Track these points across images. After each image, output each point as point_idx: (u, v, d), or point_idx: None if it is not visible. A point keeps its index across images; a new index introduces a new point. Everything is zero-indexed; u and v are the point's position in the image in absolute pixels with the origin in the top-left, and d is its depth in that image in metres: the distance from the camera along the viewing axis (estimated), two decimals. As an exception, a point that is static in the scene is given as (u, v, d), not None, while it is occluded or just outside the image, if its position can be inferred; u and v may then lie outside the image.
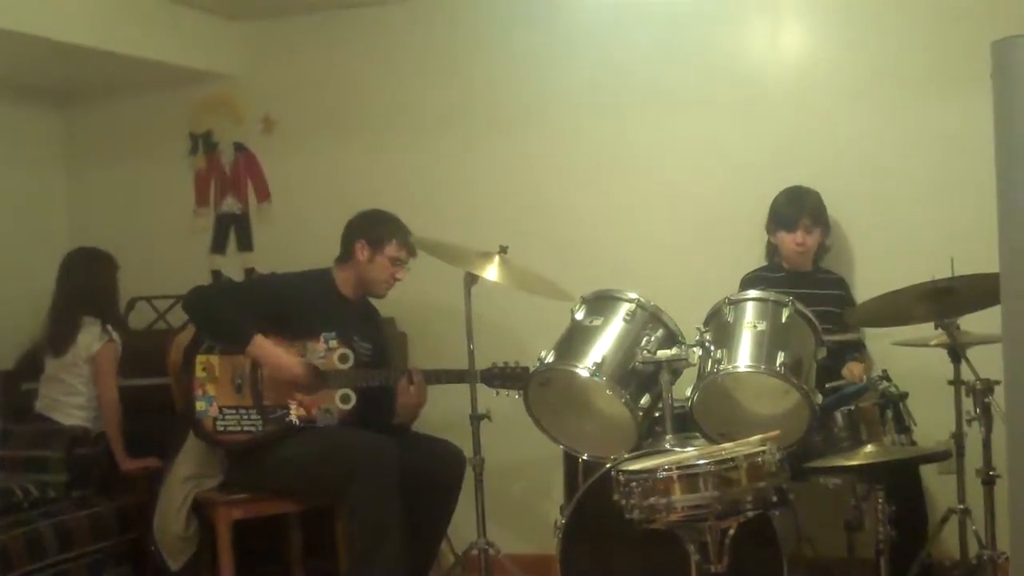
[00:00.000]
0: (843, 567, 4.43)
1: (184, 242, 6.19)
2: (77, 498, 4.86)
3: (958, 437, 4.18)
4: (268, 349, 4.65)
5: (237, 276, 6.00)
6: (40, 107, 6.30)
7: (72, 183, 6.40)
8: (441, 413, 5.05)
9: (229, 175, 6.12)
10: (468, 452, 4.71)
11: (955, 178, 4.87)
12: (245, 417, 4.65)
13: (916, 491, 4.37)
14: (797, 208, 4.83)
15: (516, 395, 4.25)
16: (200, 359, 4.69)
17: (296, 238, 5.85)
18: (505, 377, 4.65)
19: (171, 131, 6.19)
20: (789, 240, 4.82)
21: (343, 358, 4.71)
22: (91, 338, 5.06)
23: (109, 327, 5.12)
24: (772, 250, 4.96)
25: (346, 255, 4.90)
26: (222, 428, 4.65)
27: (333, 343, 4.72)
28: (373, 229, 4.88)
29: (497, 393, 4.64)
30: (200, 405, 4.65)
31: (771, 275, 4.89)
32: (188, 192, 6.20)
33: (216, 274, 6.07)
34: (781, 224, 4.85)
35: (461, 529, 4.91)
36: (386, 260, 4.85)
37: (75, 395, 5.07)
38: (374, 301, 5.06)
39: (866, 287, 4.71)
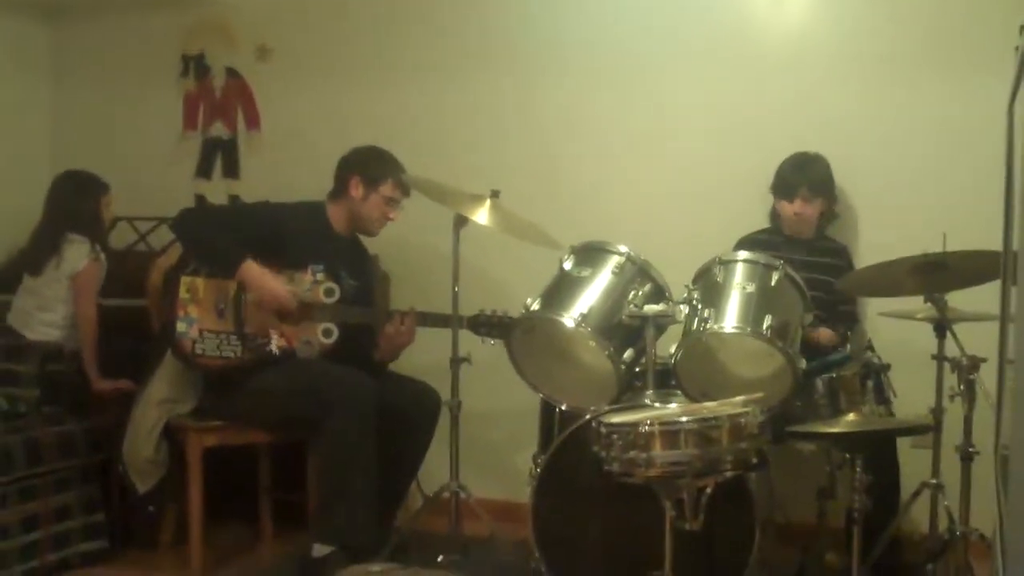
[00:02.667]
0: (812, 534, 4.45)
1: (169, 165, 6.13)
2: (47, 414, 4.82)
3: (937, 412, 4.19)
4: (257, 273, 4.61)
5: (221, 202, 5.95)
6: (27, 20, 6.22)
7: (57, 99, 6.33)
8: (420, 356, 5.03)
9: (219, 100, 6.06)
10: (445, 395, 4.70)
11: (954, 155, 4.85)
12: (225, 342, 4.62)
13: (891, 463, 4.37)
14: (798, 177, 4.79)
15: (501, 343, 4.23)
16: (185, 280, 4.65)
17: (284, 168, 5.81)
18: (492, 325, 4.63)
19: (162, 51, 6.13)
20: (788, 208, 4.79)
21: (329, 292, 4.68)
22: (79, 255, 5.01)
23: (97, 247, 5.07)
24: (775, 214, 4.93)
25: (340, 190, 4.86)
26: (200, 351, 4.61)
27: (320, 276, 4.69)
28: (369, 166, 4.84)
29: (483, 341, 4.62)
30: (181, 326, 4.61)
31: (769, 239, 4.86)
32: (176, 114, 6.14)
33: (200, 199, 6.02)
34: (781, 192, 4.82)
35: (433, 472, 4.90)
36: (380, 199, 4.82)
37: (49, 311, 5.01)
38: (364, 240, 5.02)
39: (857, 257, 4.69)
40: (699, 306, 3.94)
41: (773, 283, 3.95)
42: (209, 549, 4.78)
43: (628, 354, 4.01)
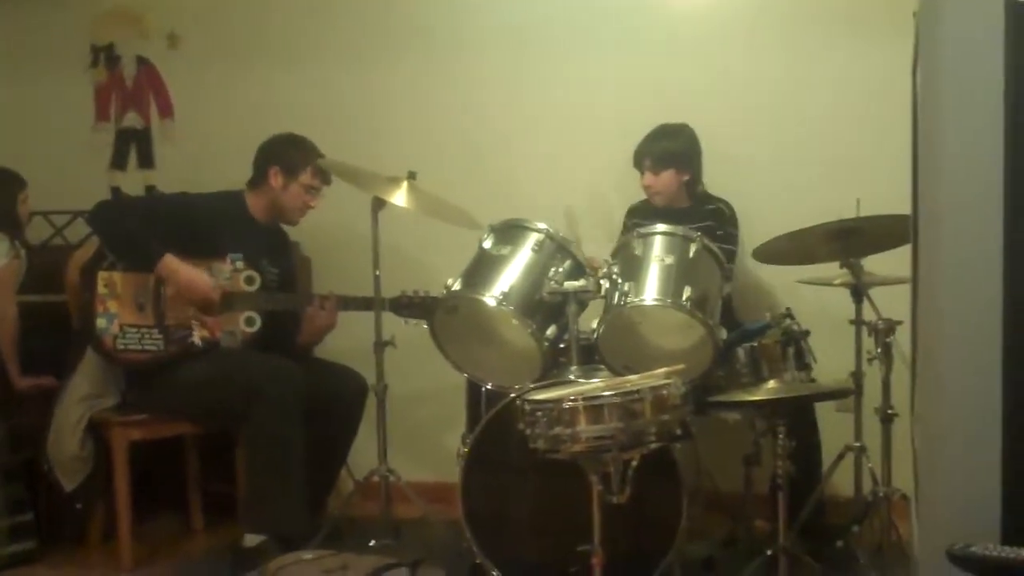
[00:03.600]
0: (740, 502, 4.50)
1: (83, 157, 6.04)
2: (-32, 416, 4.75)
3: (857, 376, 4.25)
4: (177, 266, 4.57)
5: (137, 193, 5.87)
6: (-68, 11, 6.10)
7: (-34, 93, 6.22)
8: (343, 340, 5.03)
9: (131, 89, 5.98)
10: (371, 380, 4.69)
11: (865, 120, 4.92)
12: (147, 336, 4.58)
13: (810, 428, 4.43)
14: (643, 148, 4.84)
15: (424, 325, 4.22)
16: (102, 275, 4.60)
17: (199, 156, 5.75)
18: (414, 306, 4.63)
19: (71, 42, 6.02)
20: (641, 181, 4.85)
21: (249, 280, 4.66)
22: (-2, 252, 4.95)
23: (17, 243, 5.00)
24: None
25: (259, 180, 4.83)
26: (123, 347, 4.57)
27: (239, 264, 4.67)
28: (288, 155, 4.81)
29: (406, 322, 4.62)
30: (101, 322, 4.57)
31: (647, 207, 4.90)
32: (88, 106, 6.04)
33: (115, 191, 5.94)
34: (634, 163, 4.88)
35: (362, 456, 4.90)
36: (300, 187, 4.80)
37: (-33, 311, 4.95)
38: (285, 227, 5.00)
39: (772, 225, 4.73)
40: (619, 280, 3.95)
41: (691, 254, 3.97)
42: (139, 544, 4.75)
43: (551, 331, 4.02)
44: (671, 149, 4.82)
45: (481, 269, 4.09)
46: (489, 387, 4.22)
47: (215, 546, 4.91)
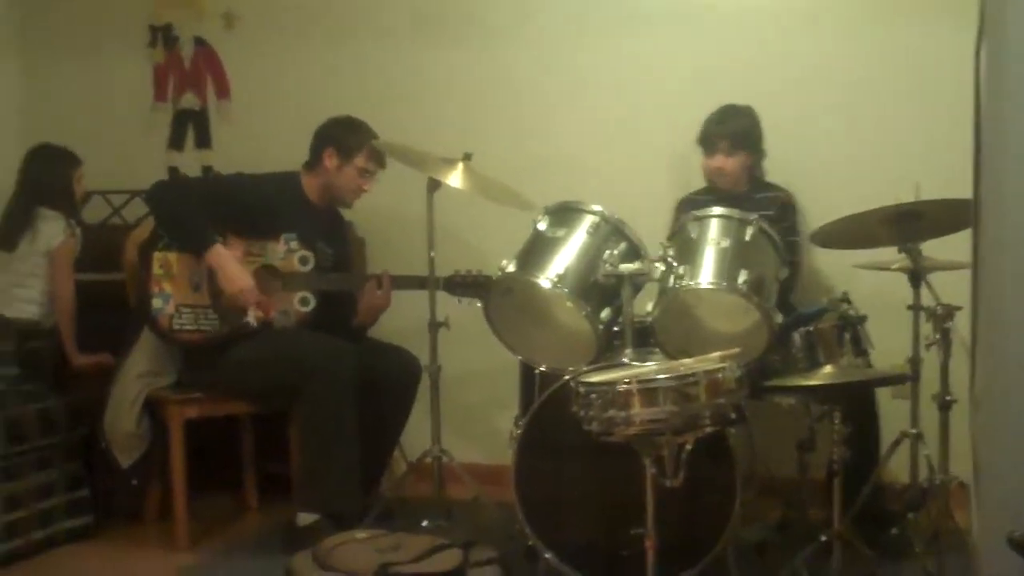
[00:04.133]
0: (794, 487, 4.47)
1: (141, 137, 6.08)
2: (27, 392, 4.78)
3: (914, 362, 4.20)
4: (224, 259, 4.59)
5: (194, 173, 5.91)
6: (-6, -4, 6.15)
7: (27, 73, 6.24)
8: (397, 321, 5.04)
9: (189, 70, 6.01)
10: (424, 361, 4.70)
11: (926, 102, 4.86)
12: (202, 316, 4.62)
13: (870, 414, 4.39)
14: (718, 130, 4.76)
15: (477, 303, 4.22)
16: (157, 256, 4.64)
17: (255, 137, 5.78)
18: (468, 285, 4.63)
19: (130, 23, 6.06)
20: (707, 164, 4.78)
21: (303, 260, 4.68)
22: (54, 231, 4.98)
23: (72, 222, 5.05)
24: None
25: (314, 162, 4.85)
26: (178, 326, 4.61)
27: (294, 244, 4.69)
28: (344, 138, 4.81)
29: (459, 301, 4.62)
30: (157, 303, 4.61)
31: (703, 198, 4.79)
32: (146, 86, 6.08)
33: (173, 171, 5.98)
34: (701, 146, 4.81)
35: (415, 437, 4.92)
36: (354, 170, 4.81)
37: (25, 288, 4.99)
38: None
39: (829, 209, 4.68)
40: (674, 263, 3.92)
41: (747, 238, 3.94)
42: (194, 521, 4.79)
43: (605, 313, 4.01)
44: (747, 130, 4.78)
45: (536, 251, 4.07)
46: (543, 369, 4.20)
47: (269, 525, 4.94)
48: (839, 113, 4.99)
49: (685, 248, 3.96)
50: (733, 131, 4.76)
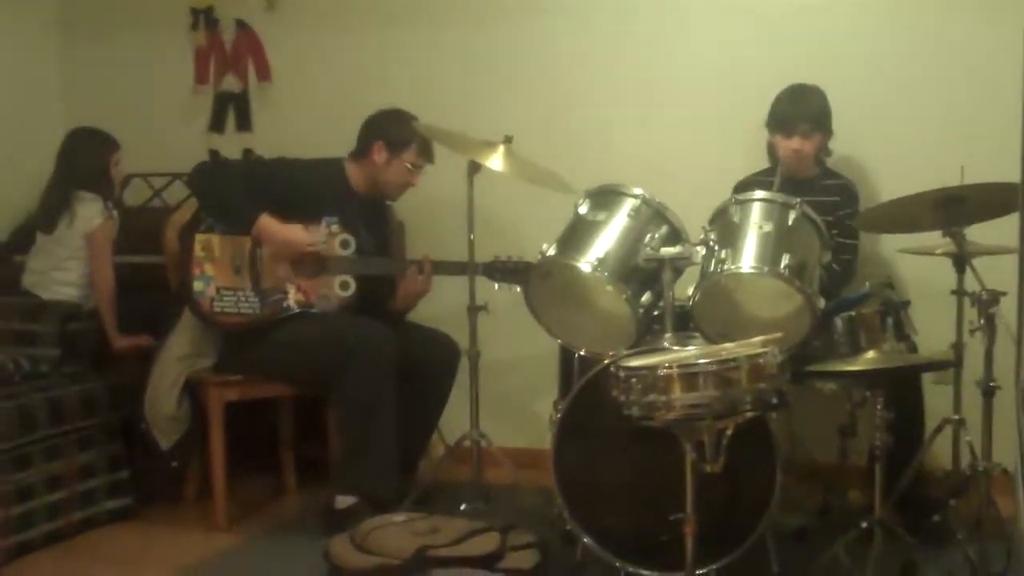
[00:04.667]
0: (835, 472, 4.45)
1: (182, 120, 6.11)
2: (68, 373, 4.81)
3: (958, 347, 4.15)
4: (273, 226, 4.61)
5: (234, 156, 5.91)
6: (34, -24, 6.19)
7: (66, 56, 6.29)
8: (436, 305, 5.04)
9: (230, 53, 6.01)
10: (464, 345, 4.70)
11: (971, 85, 4.81)
12: (243, 299, 4.63)
13: (915, 400, 4.34)
14: (797, 111, 4.65)
15: (516, 289, 4.21)
16: (200, 238, 4.64)
17: (296, 120, 5.78)
18: (507, 271, 4.61)
19: (172, 5, 6.07)
20: (785, 145, 4.65)
21: (344, 244, 4.68)
22: (91, 213, 5.01)
23: (109, 204, 5.06)
24: (772, 150, 4.79)
25: (362, 152, 4.84)
26: (219, 309, 4.62)
27: (335, 227, 4.68)
28: (394, 132, 4.80)
29: (498, 287, 4.61)
30: (198, 285, 4.62)
31: (766, 179, 4.68)
32: (187, 69, 6.09)
33: (214, 153, 5.98)
34: (778, 127, 4.69)
35: (453, 421, 4.92)
36: (403, 165, 4.79)
37: (65, 271, 5.02)
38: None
39: (879, 192, 4.64)
40: (716, 247, 3.89)
41: (790, 222, 3.90)
42: (233, 503, 4.81)
43: (646, 297, 3.98)
44: (824, 111, 4.68)
45: (576, 235, 4.05)
46: (582, 353, 4.19)
47: (308, 507, 4.95)
48: (882, 96, 4.94)
49: (727, 232, 3.93)
50: (813, 112, 4.66)
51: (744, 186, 4.74)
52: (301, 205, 4.68)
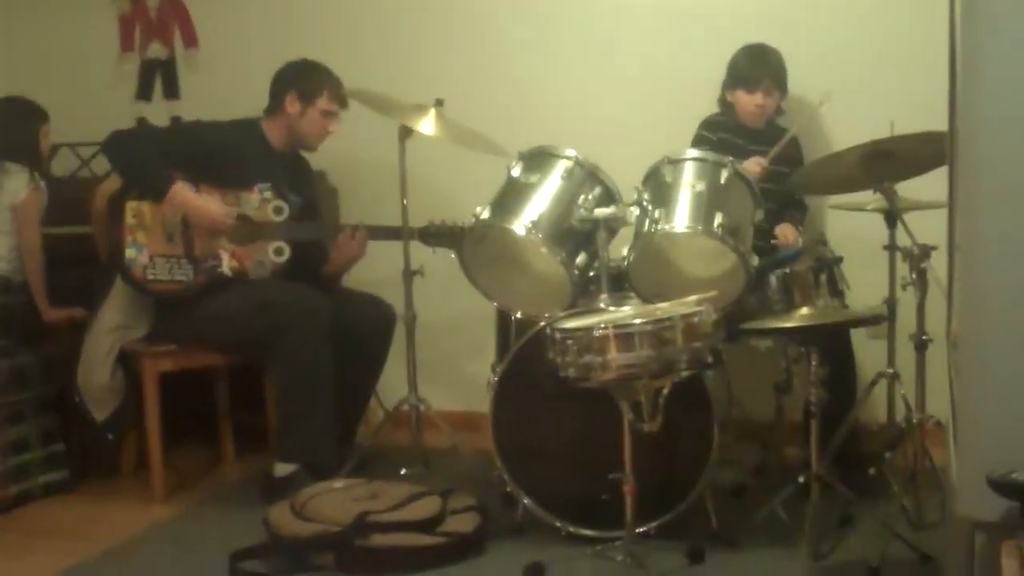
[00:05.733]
0: (771, 429, 4.48)
1: (108, 88, 6.03)
2: (-1, 347, 4.77)
3: (891, 302, 4.19)
4: (187, 196, 4.56)
5: (163, 124, 5.83)
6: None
7: (-9, 26, 6.20)
8: (371, 270, 5.01)
9: (155, 20, 5.93)
10: (399, 309, 4.68)
11: (900, 38, 4.81)
12: (176, 266, 4.58)
13: (846, 355, 4.39)
14: (760, 68, 4.72)
15: (452, 254, 4.19)
16: (131, 205, 4.59)
17: (225, 86, 5.71)
18: (442, 235, 4.60)
19: (95, -28, 5.98)
20: (748, 100, 4.71)
21: (277, 210, 4.64)
22: (17, 186, 4.91)
23: (36, 175, 4.98)
24: (726, 107, 4.84)
25: (275, 107, 4.80)
26: (152, 277, 4.57)
27: (268, 194, 4.65)
28: (304, 81, 4.76)
29: (434, 251, 4.59)
30: (130, 252, 4.57)
31: (727, 121, 4.80)
32: (112, 36, 6.00)
33: (141, 121, 5.90)
34: (741, 83, 4.74)
35: (391, 386, 4.91)
36: (318, 113, 4.75)
37: (-7, 244, 4.96)
38: (308, 154, 4.96)
39: (811, 150, 4.65)
40: (649, 207, 3.90)
41: (723, 181, 3.92)
42: (171, 473, 4.78)
43: (581, 259, 3.99)
44: (783, 70, 4.77)
45: (510, 197, 4.05)
46: (519, 316, 4.19)
47: (246, 475, 4.93)
48: (813, 52, 4.94)
49: (660, 192, 3.94)
50: (775, 70, 4.74)
51: (707, 125, 4.82)
52: (228, 170, 4.63)
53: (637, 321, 3.29)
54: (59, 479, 4.81)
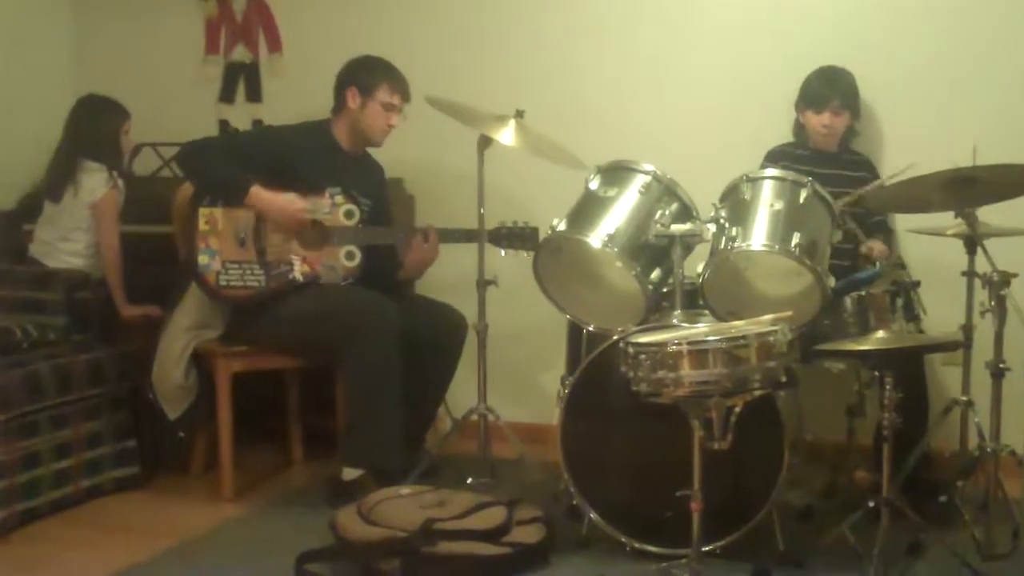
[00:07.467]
0: (842, 452, 4.44)
1: (192, 90, 6.10)
2: (76, 342, 4.81)
3: (967, 328, 4.14)
4: (266, 196, 4.59)
5: (244, 127, 5.91)
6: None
7: (78, 24, 6.28)
8: (445, 278, 5.04)
9: (240, 23, 6.00)
10: (471, 318, 4.69)
11: (984, 65, 4.78)
12: (248, 272, 4.62)
13: (920, 380, 4.35)
14: (828, 89, 4.75)
15: (524, 254, 4.20)
16: (203, 212, 4.64)
17: (306, 90, 5.68)
18: (513, 237, 4.62)
19: (182, -25, 6.06)
20: (815, 121, 4.75)
21: (348, 214, 4.66)
22: (95, 184, 5.00)
23: (115, 173, 5.05)
24: (799, 128, 4.89)
25: (339, 105, 4.84)
26: (225, 283, 4.61)
27: (339, 199, 4.67)
28: (362, 75, 4.80)
29: (504, 253, 4.60)
30: (203, 259, 4.61)
31: (796, 151, 4.83)
32: (198, 39, 6.09)
33: (223, 124, 5.99)
34: (810, 103, 4.78)
35: (460, 395, 4.92)
36: (378, 106, 4.77)
37: (71, 241, 5.03)
38: (378, 158, 5.00)
39: (888, 173, 4.62)
40: (727, 224, 3.89)
41: (801, 200, 3.90)
42: (239, 473, 4.80)
43: (655, 274, 3.99)
44: (853, 91, 4.79)
45: (587, 210, 4.05)
46: (591, 329, 4.19)
47: (314, 478, 4.95)
48: (895, 75, 4.91)
49: (738, 209, 3.93)
50: (844, 90, 4.76)
51: (773, 155, 4.82)
52: (298, 174, 4.66)
53: (711, 338, 3.28)
54: (130, 475, 4.86)
